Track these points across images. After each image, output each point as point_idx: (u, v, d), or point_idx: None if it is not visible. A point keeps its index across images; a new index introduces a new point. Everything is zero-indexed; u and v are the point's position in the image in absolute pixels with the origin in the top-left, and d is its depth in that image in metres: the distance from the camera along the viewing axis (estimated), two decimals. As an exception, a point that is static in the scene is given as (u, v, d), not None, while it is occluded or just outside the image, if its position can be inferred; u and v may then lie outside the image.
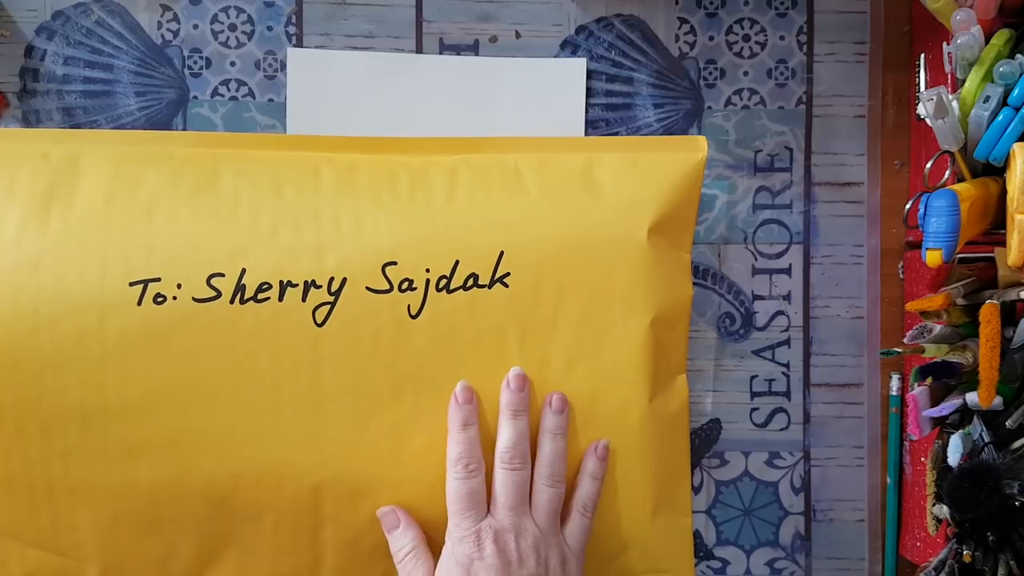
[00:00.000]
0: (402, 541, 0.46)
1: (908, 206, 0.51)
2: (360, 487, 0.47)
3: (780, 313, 0.56)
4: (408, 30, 0.55)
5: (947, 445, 0.46)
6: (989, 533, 0.45)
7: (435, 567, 0.45)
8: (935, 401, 0.47)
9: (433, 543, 0.47)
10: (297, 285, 0.46)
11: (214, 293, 0.45)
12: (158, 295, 0.45)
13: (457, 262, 0.47)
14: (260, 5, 0.55)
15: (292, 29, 0.55)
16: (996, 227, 0.47)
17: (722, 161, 0.56)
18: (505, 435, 0.46)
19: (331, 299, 0.46)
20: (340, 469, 0.46)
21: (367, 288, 0.46)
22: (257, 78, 0.55)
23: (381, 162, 0.50)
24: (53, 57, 0.54)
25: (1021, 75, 0.44)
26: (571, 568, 0.46)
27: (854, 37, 0.56)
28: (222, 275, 0.46)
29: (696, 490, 0.56)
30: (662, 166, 0.50)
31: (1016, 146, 0.43)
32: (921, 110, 0.47)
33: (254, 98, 0.55)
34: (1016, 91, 0.44)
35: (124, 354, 0.45)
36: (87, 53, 0.54)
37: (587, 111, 0.55)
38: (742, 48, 0.56)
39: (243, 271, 0.46)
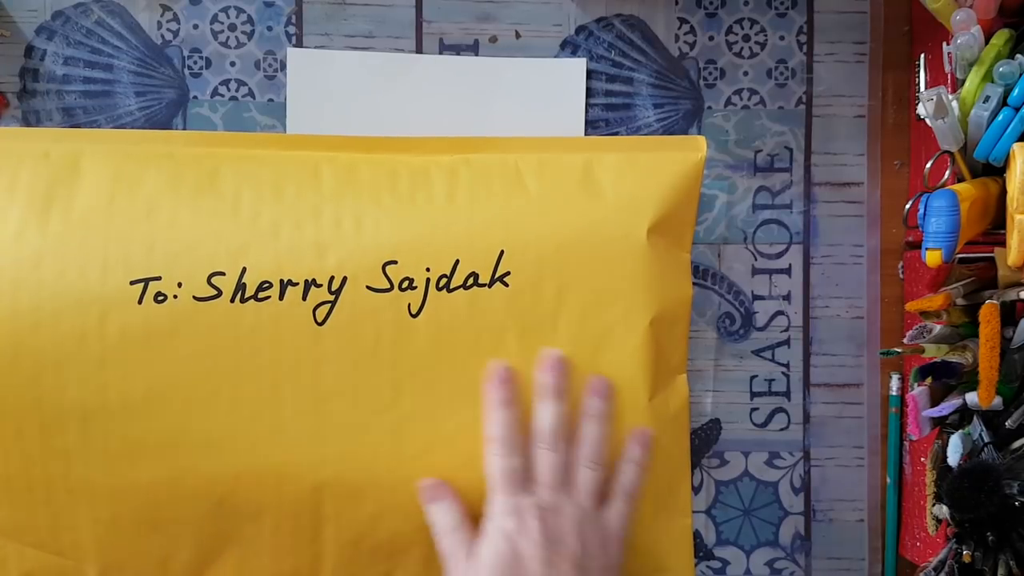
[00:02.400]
0: (447, 515, 0.45)
1: (908, 206, 0.51)
2: (361, 486, 0.47)
3: (780, 313, 0.56)
4: (408, 30, 0.55)
5: (947, 445, 0.46)
6: (989, 533, 0.45)
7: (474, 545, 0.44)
8: (935, 401, 0.47)
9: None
10: (297, 284, 0.46)
11: (215, 292, 0.45)
12: (159, 294, 0.45)
13: (457, 261, 0.47)
14: (260, 5, 0.55)
15: (292, 29, 0.55)
16: (996, 227, 0.47)
17: (722, 161, 0.56)
18: (546, 416, 0.46)
19: (331, 298, 0.46)
20: (340, 468, 0.46)
21: (367, 287, 0.46)
22: (257, 78, 0.55)
23: (381, 161, 0.50)
24: (53, 57, 0.54)
25: (1021, 75, 0.44)
26: (611, 550, 0.45)
27: (854, 37, 0.56)
28: (223, 274, 0.46)
29: (696, 490, 0.56)
30: (662, 166, 0.50)
31: (1016, 146, 0.43)
32: (921, 110, 0.47)
33: (254, 98, 0.55)
34: (1016, 91, 0.44)
35: (125, 353, 0.45)
36: (87, 53, 0.54)
37: (587, 111, 0.55)
38: (742, 48, 0.56)
39: (244, 270, 0.46)
